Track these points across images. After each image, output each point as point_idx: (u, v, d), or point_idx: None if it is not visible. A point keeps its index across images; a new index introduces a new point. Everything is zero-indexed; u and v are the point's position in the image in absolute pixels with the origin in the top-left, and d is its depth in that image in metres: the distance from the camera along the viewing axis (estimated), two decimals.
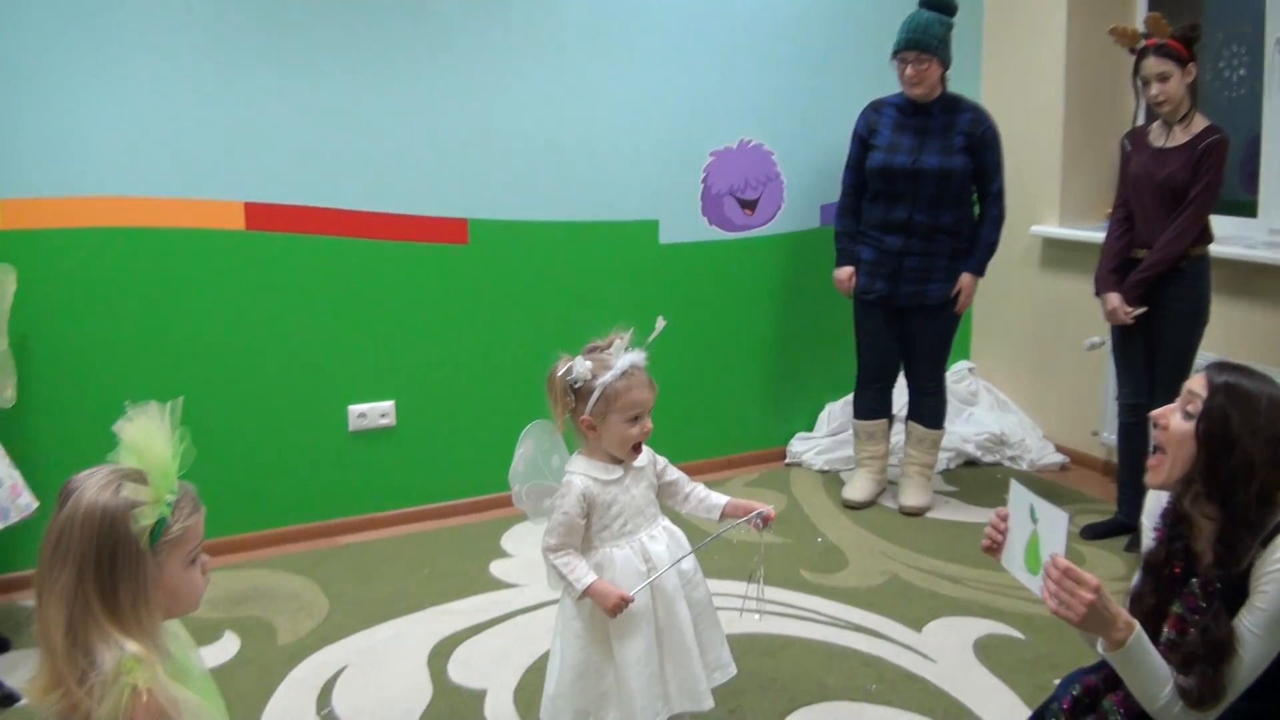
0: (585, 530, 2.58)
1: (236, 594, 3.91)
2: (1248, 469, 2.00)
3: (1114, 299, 4.04)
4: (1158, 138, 3.99)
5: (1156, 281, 3.97)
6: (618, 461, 2.61)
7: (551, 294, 4.67)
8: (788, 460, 5.22)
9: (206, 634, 3.57)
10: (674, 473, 2.74)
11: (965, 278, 4.43)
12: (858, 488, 4.71)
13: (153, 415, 1.74)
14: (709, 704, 2.62)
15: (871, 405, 4.72)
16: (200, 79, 4.02)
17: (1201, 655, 1.98)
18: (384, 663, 3.43)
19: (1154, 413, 2.18)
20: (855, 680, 3.26)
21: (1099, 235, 4.48)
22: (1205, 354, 4.03)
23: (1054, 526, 2.04)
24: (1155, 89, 3.85)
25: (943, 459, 5.03)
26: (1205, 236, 3.95)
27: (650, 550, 2.59)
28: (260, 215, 4.18)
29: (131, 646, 1.63)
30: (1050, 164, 5.05)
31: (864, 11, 5.06)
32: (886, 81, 4.51)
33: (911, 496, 4.64)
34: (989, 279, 4.53)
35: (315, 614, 3.77)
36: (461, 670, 3.37)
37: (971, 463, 5.15)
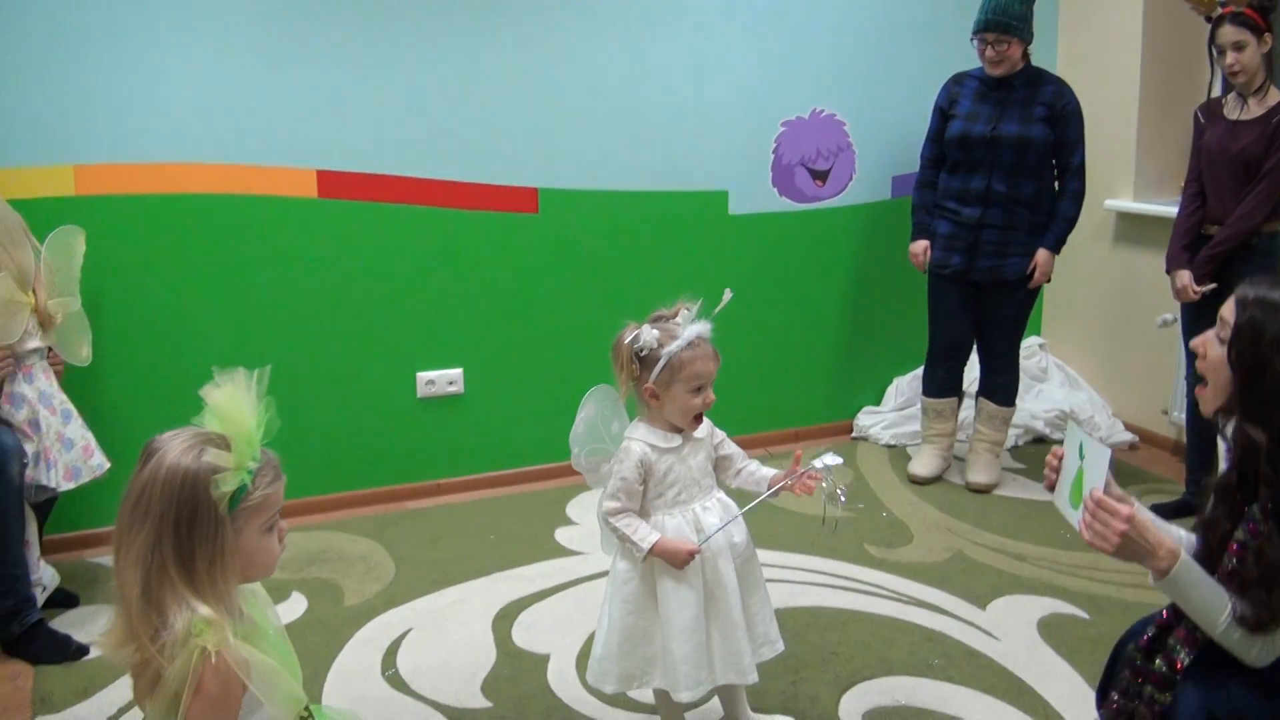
0: (642, 497, 2.60)
1: (305, 555, 3.98)
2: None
3: (1184, 276, 3.96)
4: (1232, 110, 3.89)
5: (1227, 258, 3.89)
6: (677, 431, 2.62)
7: (620, 264, 4.67)
8: (854, 434, 5.20)
9: (275, 594, 3.62)
10: (730, 447, 2.74)
11: (1041, 253, 4.36)
12: (924, 463, 4.68)
13: (239, 382, 1.76)
14: (753, 678, 2.63)
15: (942, 382, 4.67)
16: (274, 47, 4.06)
17: (1255, 579, 1.97)
18: (448, 626, 3.48)
19: (1193, 342, 2.19)
20: (918, 655, 3.25)
21: (1174, 210, 4.39)
22: None
23: (1097, 462, 2.07)
24: (1230, 58, 3.76)
25: (1011, 435, 4.98)
26: (1278, 212, 3.86)
27: (703, 521, 2.60)
28: (333, 183, 4.23)
29: (203, 609, 1.65)
30: (1125, 137, 4.95)
31: None
32: (963, 52, 4.45)
33: (980, 473, 4.59)
34: (1062, 254, 4.46)
35: (382, 577, 3.82)
36: (525, 635, 3.41)
37: (1040, 439, 5.10)
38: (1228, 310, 2.10)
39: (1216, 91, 4.10)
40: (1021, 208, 4.34)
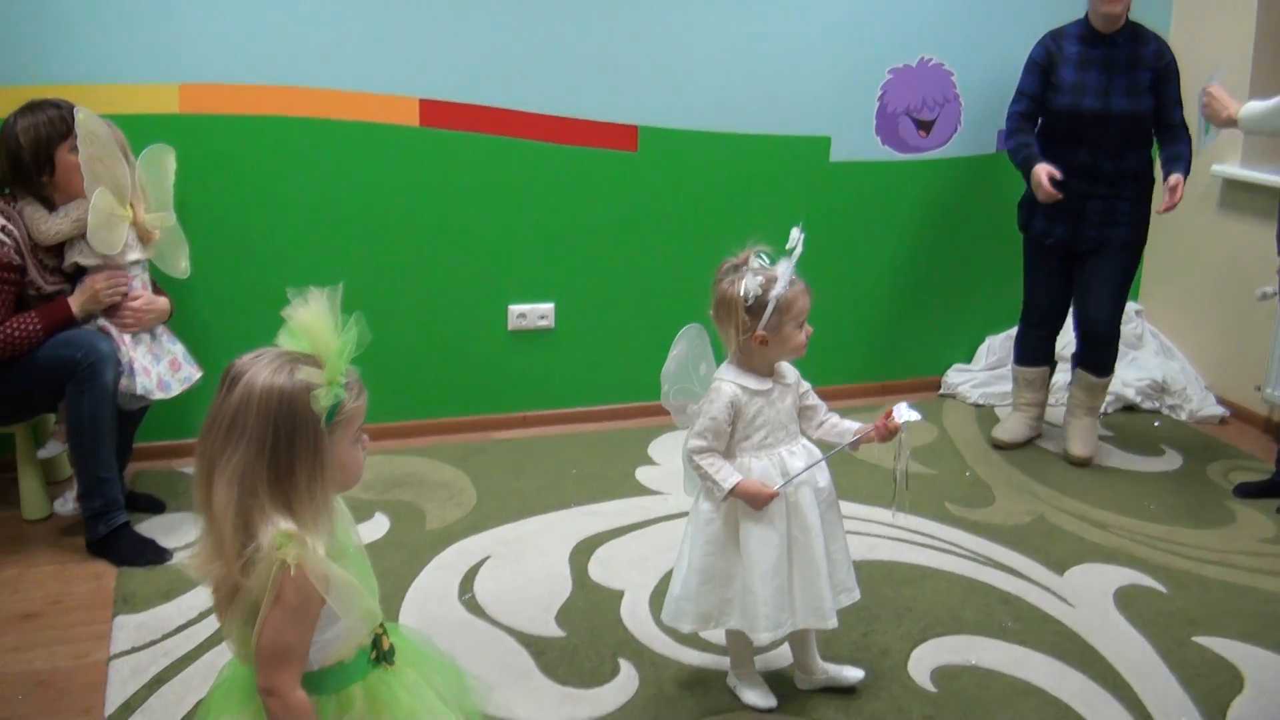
0: (729, 439, 2.62)
1: (391, 478, 4.06)
2: None
3: None
4: None
5: None
6: (767, 375, 2.63)
7: (717, 206, 4.65)
8: (942, 391, 5.15)
9: (359, 513, 3.72)
10: (814, 398, 2.74)
11: (1174, 177, 4.11)
12: (1011, 429, 4.61)
13: (322, 301, 1.78)
14: (834, 623, 2.64)
15: (1035, 350, 4.59)
16: None
17: None
18: (526, 556, 3.54)
19: None
20: (991, 616, 3.24)
21: None
22: None
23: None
24: None
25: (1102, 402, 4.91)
26: None
27: (789, 465, 2.61)
28: (434, 112, 4.26)
29: (285, 524, 1.69)
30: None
31: None
32: (1075, 7, 4.33)
33: (1079, 445, 4.43)
34: (1166, 219, 4.35)
35: (464, 504, 3.89)
36: (601, 570, 3.45)
37: (1130, 408, 5.01)
38: None
39: None
40: (1128, 179, 4.22)
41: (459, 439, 4.48)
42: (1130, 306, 5.33)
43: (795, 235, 2.59)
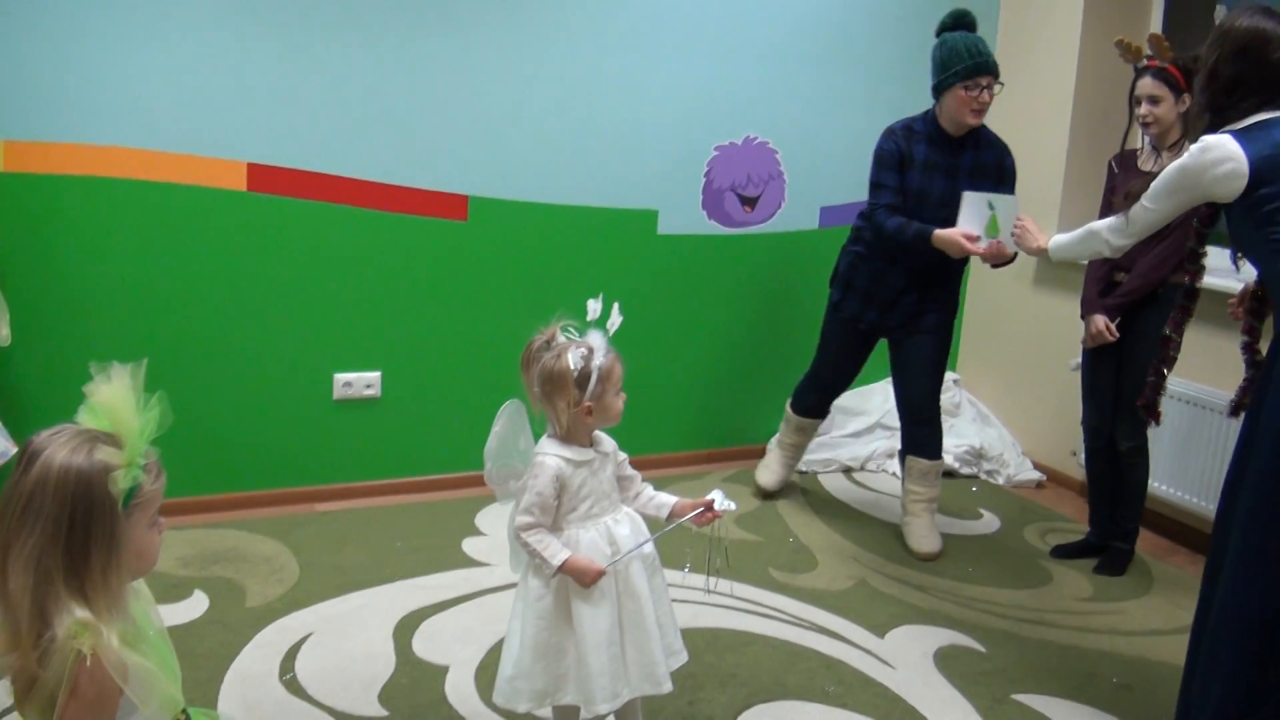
0: (555, 512, 2.61)
1: (210, 553, 3.94)
2: None
3: (1099, 321, 4.01)
4: (1146, 162, 3.95)
5: (1131, 307, 3.97)
6: (588, 445, 2.64)
7: (547, 276, 4.68)
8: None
9: (177, 591, 3.60)
10: (629, 469, 2.75)
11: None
12: (772, 473, 4.74)
13: (124, 378, 1.74)
14: (668, 687, 2.65)
15: (815, 405, 4.70)
16: (210, 36, 4.03)
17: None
18: (350, 632, 3.46)
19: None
20: (814, 681, 3.29)
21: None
22: (1181, 379, 4.04)
23: (1008, 207, 3.45)
24: (1144, 109, 3.84)
25: None
26: (1183, 266, 3.89)
27: (615, 533, 2.62)
28: (263, 177, 4.20)
29: (80, 612, 1.63)
30: (1052, 181, 5.06)
31: (877, 11, 5.08)
32: (899, 87, 4.50)
33: (923, 540, 4.30)
34: (981, 291, 4.53)
35: (286, 579, 3.79)
36: (426, 645, 3.40)
37: (949, 474, 5.16)
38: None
39: (1135, 143, 4.17)
40: (951, 269, 4.25)
41: (281, 511, 4.38)
42: (948, 376, 5.53)
43: (594, 307, 2.63)
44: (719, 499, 2.67)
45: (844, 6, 5.02)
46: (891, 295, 4.30)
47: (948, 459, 5.14)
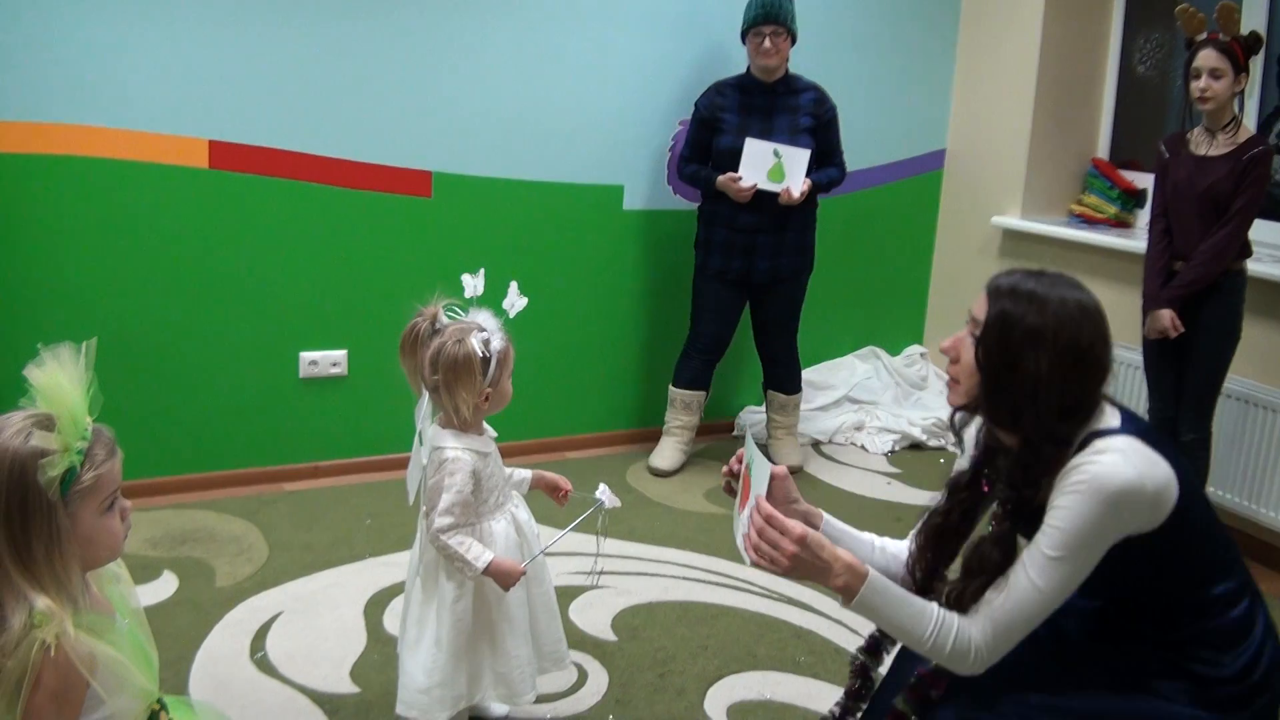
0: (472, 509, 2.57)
1: (178, 534, 3.92)
2: (1033, 385, 1.85)
3: (1166, 316, 3.80)
4: (1199, 145, 3.79)
5: (1191, 297, 3.81)
6: (481, 434, 2.60)
7: (512, 253, 4.66)
8: (735, 432, 5.27)
9: (146, 572, 3.57)
10: None
11: (807, 181, 4.42)
12: (666, 457, 4.78)
13: (65, 359, 1.69)
14: (569, 662, 2.71)
15: (696, 374, 4.79)
16: (170, 12, 3.97)
17: (974, 568, 1.91)
18: (320, 610, 3.45)
19: (944, 345, 2.08)
20: (785, 651, 3.32)
21: (1060, 230, 4.47)
22: (1234, 376, 3.93)
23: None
24: (1204, 82, 3.65)
25: (888, 441, 5.11)
26: (1244, 251, 3.78)
27: (518, 518, 2.62)
28: (224, 154, 4.15)
29: (41, 601, 1.59)
30: (1016, 155, 5.07)
31: None
32: (852, 58, 4.52)
33: (790, 458, 4.82)
34: (947, 266, 4.55)
35: (255, 558, 3.78)
36: (396, 622, 3.37)
37: (917, 445, 5.21)
38: (979, 307, 1.97)
39: (1191, 123, 3.90)
40: (795, 211, 4.50)
41: (249, 491, 4.35)
42: (914, 349, 5.57)
43: (471, 282, 2.64)
44: (607, 496, 2.67)
45: None
46: (747, 240, 4.53)
47: (915, 431, 5.19)
